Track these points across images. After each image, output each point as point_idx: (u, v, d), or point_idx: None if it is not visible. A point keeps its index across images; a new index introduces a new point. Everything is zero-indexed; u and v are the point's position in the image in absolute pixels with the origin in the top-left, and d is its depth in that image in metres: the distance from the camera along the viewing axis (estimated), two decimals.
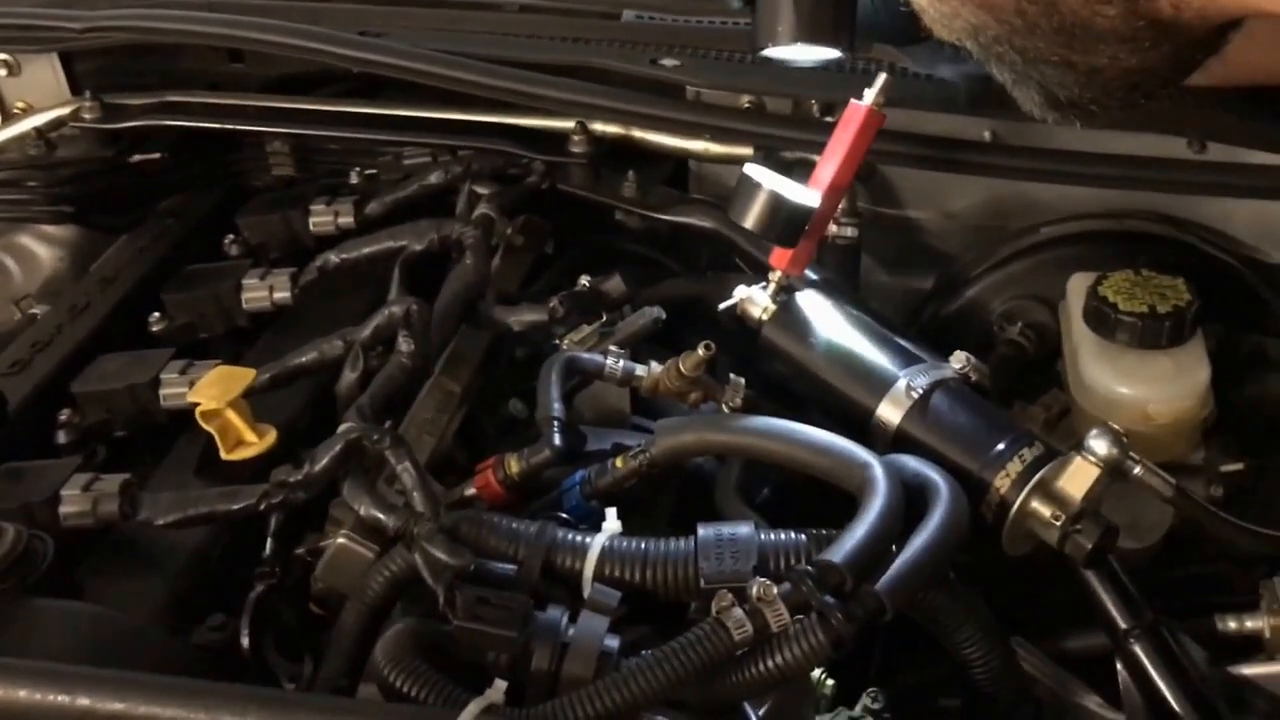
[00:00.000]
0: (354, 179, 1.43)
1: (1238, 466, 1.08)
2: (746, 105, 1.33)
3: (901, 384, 0.99)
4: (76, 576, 0.91)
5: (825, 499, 0.98)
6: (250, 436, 1.00)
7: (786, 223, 1.02)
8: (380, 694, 0.79)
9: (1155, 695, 0.92)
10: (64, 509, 0.93)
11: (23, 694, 0.66)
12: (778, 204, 1.00)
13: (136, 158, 1.46)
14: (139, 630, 0.84)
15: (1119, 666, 0.95)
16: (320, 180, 1.47)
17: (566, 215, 1.38)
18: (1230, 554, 1.12)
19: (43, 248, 1.52)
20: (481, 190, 1.31)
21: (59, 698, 0.66)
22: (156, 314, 1.23)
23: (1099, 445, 0.88)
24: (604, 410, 1.17)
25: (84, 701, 0.66)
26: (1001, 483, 0.91)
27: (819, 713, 0.93)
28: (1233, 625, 1.01)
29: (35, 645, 0.79)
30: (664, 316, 1.16)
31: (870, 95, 1.06)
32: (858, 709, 0.98)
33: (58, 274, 1.50)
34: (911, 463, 0.92)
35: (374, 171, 1.43)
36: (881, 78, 1.06)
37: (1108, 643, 0.98)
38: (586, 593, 0.86)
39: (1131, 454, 0.90)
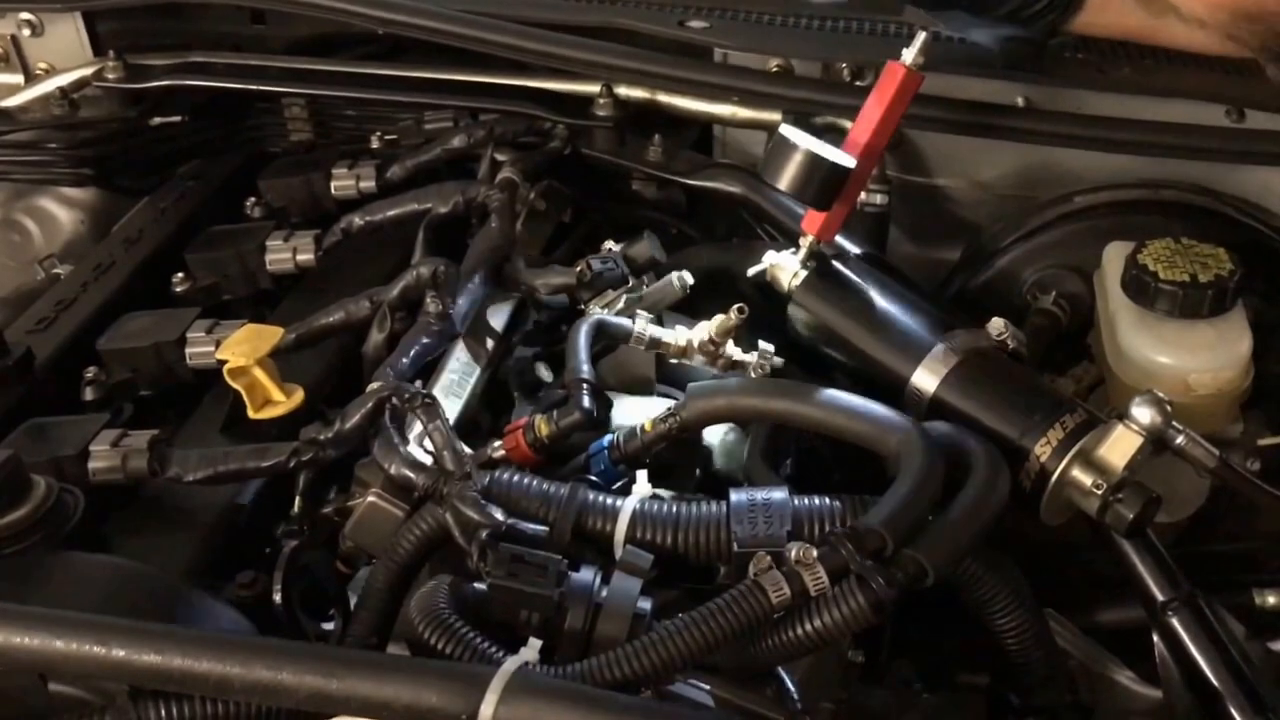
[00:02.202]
0: (375, 144, 1.41)
1: (1277, 440, 1.07)
2: (775, 68, 1.31)
3: (938, 350, 0.98)
4: (105, 531, 0.90)
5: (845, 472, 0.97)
6: (278, 395, 0.99)
7: (822, 184, 1.00)
8: (410, 651, 0.79)
9: (1193, 668, 0.91)
10: (93, 464, 0.93)
11: (59, 644, 0.66)
12: (814, 164, 0.99)
13: (156, 121, 1.45)
14: (170, 584, 0.83)
15: (1156, 639, 0.93)
16: (340, 145, 1.46)
17: (584, 183, 1.37)
18: (1261, 531, 1.11)
19: (63, 210, 1.51)
20: (504, 155, 1.30)
21: (95, 649, 0.66)
22: (180, 274, 1.23)
23: (1143, 413, 0.87)
24: (629, 376, 1.15)
25: (119, 653, 0.65)
26: (1042, 450, 0.90)
27: (848, 683, 0.93)
28: (1271, 600, 1.00)
29: (67, 598, 0.78)
30: (692, 282, 1.14)
31: (909, 55, 1.04)
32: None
33: (78, 237, 1.50)
34: (949, 429, 0.91)
35: (395, 136, 1.41)
36: (921, 36, 1.04)
37: (1140, 616, 0.97)
38: (618, 555, 0.85)
39: (1175, 423, 0.88)
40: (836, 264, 1.08)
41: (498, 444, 1.00)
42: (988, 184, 1.33)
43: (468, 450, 0.95)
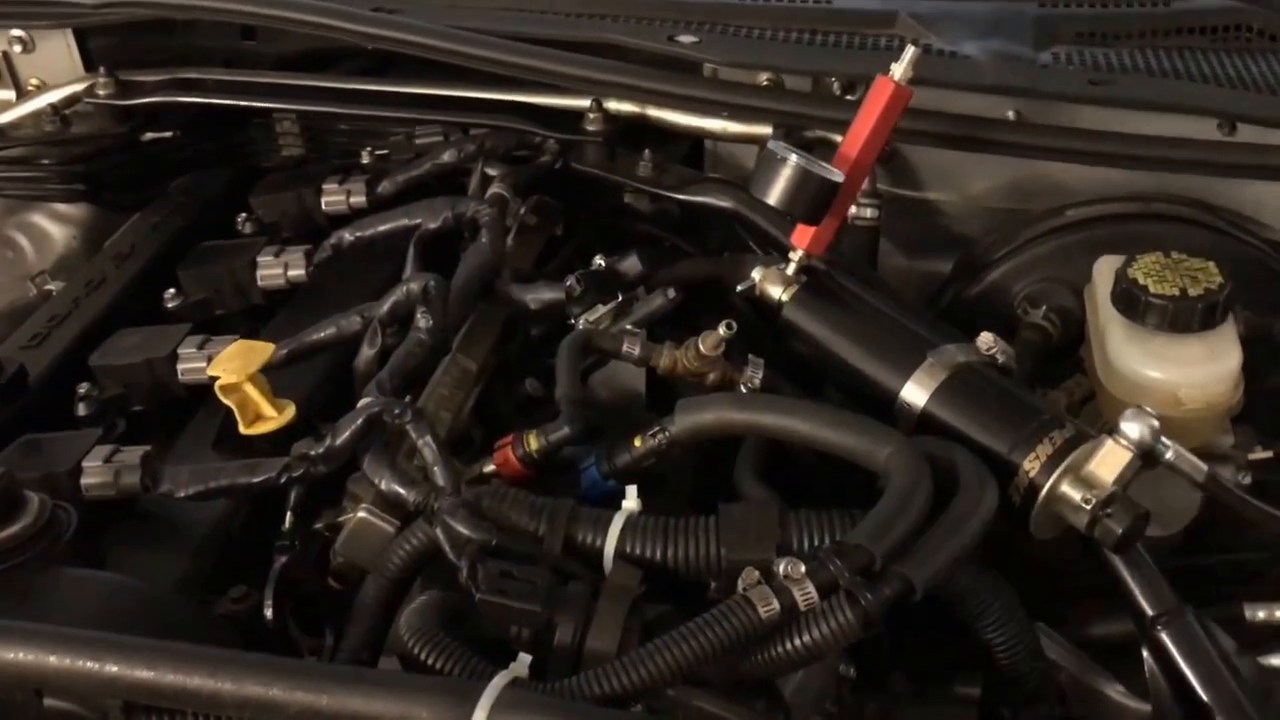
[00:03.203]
0: (366, 159, 1.42)
1: (1267, 454, 1.07)
2: (765, 83, 1.31)
3: (927, 365, 0.98)
4: (98, 547, 0.90)
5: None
6: (269, 411, 0.99)
7: (812, 198, 1.00)
8: (402, 667, 0.79)
9: (1182, 683, 0.91)
10: (86, 480, 0.92)
11: (53, 659, 0.66)
12: (803, 179, 0.99)
13: (149, 136, 1.45)
14: (162, 599, 0.84)
15: (1145, 654, 0.94)
16: (331, 161, 1.46)
17: (577, 196, 1.37)
18: (1254, 544, 1.12)
19: (55, 226, 1.51)
20: (494, 170, 1.30)
21: (88, 664, 0.66)
22: (172, 290, 1.23)
23: (1131, 428, 0.87)
24: (620, 390, 1.16)
25: (112, 668, 0.66)
26: (1031, 465, 0.90)
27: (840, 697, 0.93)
28: (1261, 615, 1.00)
29: (60, 613, 0.78)
30: (679, 296, 1.14)
31: (898, 70, 1.05)
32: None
33: (70, 252, 1.50)
34: (938, 443, 0.91)
35: (385, 151, 1.42)
36: (910, 51, 1.05)
37: (1132, 630, 0.97)
38: (608, 569, 0.85)
39: (1164, 438, 0.89)
40: (826, 278, 1.08)
41: (489, 459, 1.01)
42: (979, 197, 1.34)
43: (459, 465, 0.95)
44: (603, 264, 1.18)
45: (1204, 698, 0.91)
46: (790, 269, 1.08)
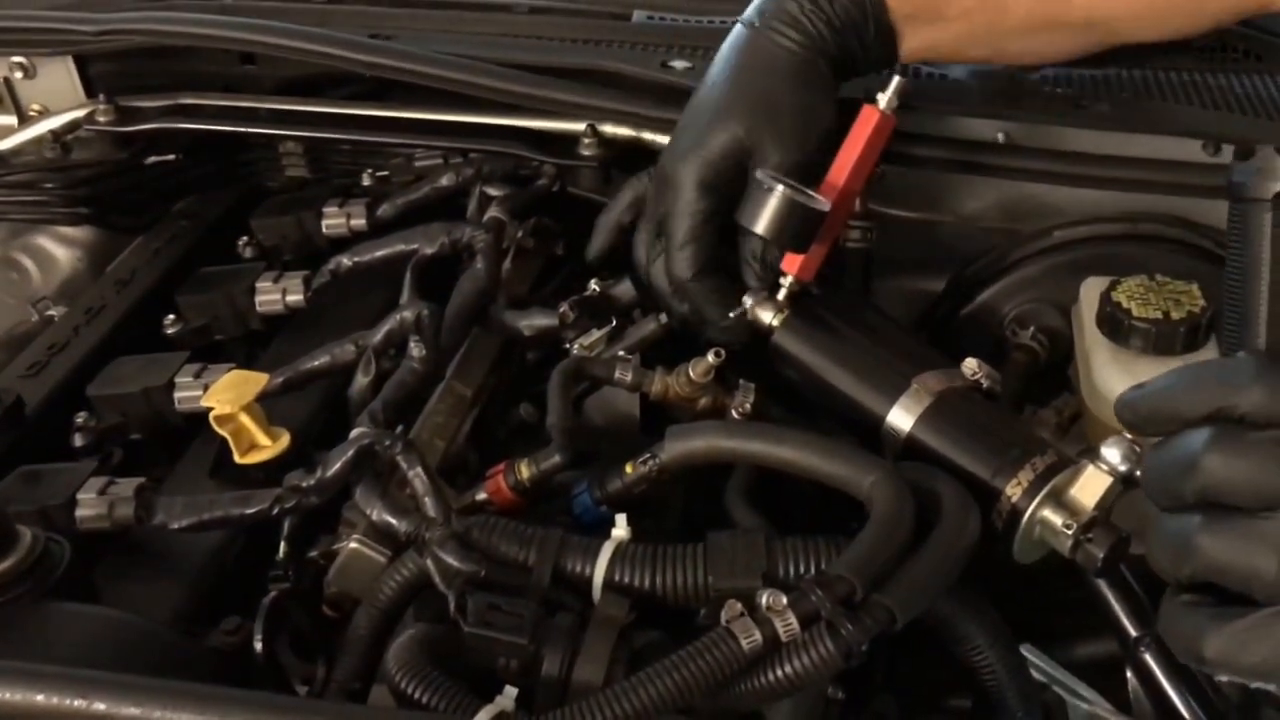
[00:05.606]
0: (366, 181, 1.43)
1: None
2: None
3: (913, 391, 0.99)
4: (93, 580, 0.91)
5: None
6: (264, 440, 1.00)
7: (798, 228, 1.02)
8: (392, 696, 0.80)
9: (1166, 704, 0.92)
10: (80, 512, 0.93)
11: (40, 698, 0.67)
12: (789, 209, 1.00)
13: (152, 159, 1.46)
14: (155, 633, 0.85)
15: (1129, 675, 0.95)
16: (333, 181, 1.48)
17: (577, 216, 1.38)
18: None
19: (60, 248, 1.53)
20: (492, 193, 1.32)
21: (76, 702, 0.67)
22: (171, 316, 1.24)
23: (1112, 454, 0.88)
24: (614, 414, 1.17)
25: (100, 707, 0.67)
26: (1013, 491, 0.91)
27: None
28: None
29: (53, 649, 0.79)
30: (670, 322, 1.15)
31: (884, 99, 1.06)
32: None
33: (76, 274, 1.51)
34: (922, 471, 0.92)
35: (386, 173, 1.43)
36: (895, 80, 1.06)
37: (1118, 650, 0.98)
38: (597, 598, 0.87)
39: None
40: (816, 303, 1.09)
41: (482, 486, 1.02)
42: (969, 217, 1.34)
43: (451, 493, 0.96)
44: (597, 289, 1.19)
45: (1186, 717, 0.93)
46: (780, 294, 1.09)
